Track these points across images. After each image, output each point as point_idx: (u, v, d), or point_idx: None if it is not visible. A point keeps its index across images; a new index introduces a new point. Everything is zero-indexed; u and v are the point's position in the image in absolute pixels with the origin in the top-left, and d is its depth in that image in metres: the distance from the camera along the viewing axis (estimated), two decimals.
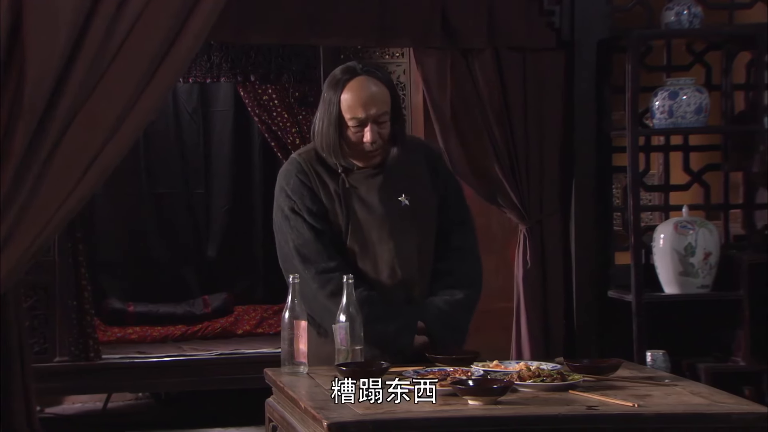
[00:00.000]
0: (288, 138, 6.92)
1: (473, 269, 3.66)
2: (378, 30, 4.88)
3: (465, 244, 3.64)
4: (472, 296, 3.62)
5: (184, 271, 7.85)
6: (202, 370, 6.52)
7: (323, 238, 3.51)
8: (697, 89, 4.90)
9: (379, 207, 3.51)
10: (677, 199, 5.18)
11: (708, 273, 4.80)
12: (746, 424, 2.80)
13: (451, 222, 3.63)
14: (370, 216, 3.51)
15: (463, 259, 3.62)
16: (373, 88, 3.43)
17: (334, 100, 3.44)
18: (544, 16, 5.05)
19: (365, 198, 3.51)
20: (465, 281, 3.60)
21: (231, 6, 4.40)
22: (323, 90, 3.51)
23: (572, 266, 5.12)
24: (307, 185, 3.53)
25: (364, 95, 3.41)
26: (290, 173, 3.57)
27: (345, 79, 3.43)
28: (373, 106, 3.41)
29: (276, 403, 3.39)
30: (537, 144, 5.09)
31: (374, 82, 3.44)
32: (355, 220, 3.50)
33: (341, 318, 3.33)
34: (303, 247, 3.51)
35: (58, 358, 6.15)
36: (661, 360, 4.81)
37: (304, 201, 3.52)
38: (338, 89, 3.43)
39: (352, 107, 3.42)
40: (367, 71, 3.45)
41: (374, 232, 3.51)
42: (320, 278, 3.47)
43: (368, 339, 3.37)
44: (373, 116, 3.42)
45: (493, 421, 2.77)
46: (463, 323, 3.60)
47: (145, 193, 7.79)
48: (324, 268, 3.47)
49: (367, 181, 3.52)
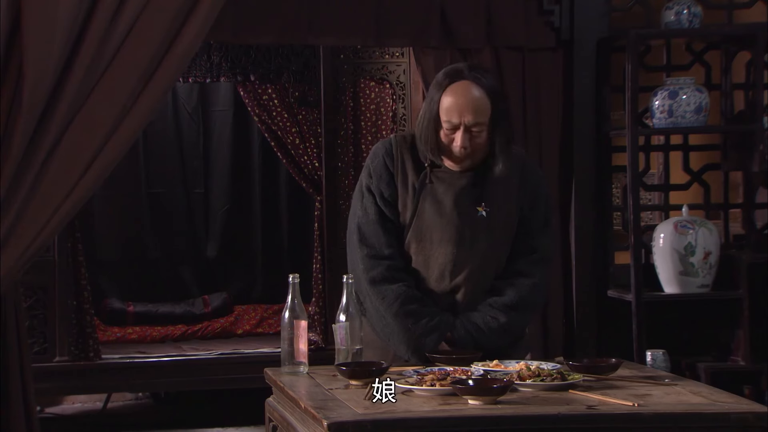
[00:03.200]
0: (288, 138, 6.91)
1: (529, 297, 3.52)
2: (376, 29, 4.89)
3: (531, 272, 3.52)
4: (515, 321, 3.50)
5: (184, 270, 7.85)
6: (202, 370, 6.52)
7: (387, 224, 3.49)
8: (697, 89, 4.90)
9: (452, 211, 3.47)
10: (677, 198, 5.18)
11: (708, 272, 4.81)
12: (746, 424, 2.80)
13: (525, 246, 3.53)
14: (439, 217, 3.47)
15: (523, 286, 3.50)
16: (474, 95, 3.37)
17: (435, 99, 3.41)
18: (543, 16, 5.05)
19: (440, 198, 3.47)
20: (514, 306, 3.48)
21: (229, 6, 4.40)
22: (431, 87, 3.48)
23: (572, 266, 5.12)
24: (388, 169, 3.51)
25: (463, 101, 3.37)
26: (378, 152, 3.55)
27: (449, 81, 3.40)
28: (469, 113, 3.37)
29: (276, 403, 3.39)
30: (536, 144, 5.09)
31: (477, 89, 3.38)
32: (421, 216, 3.47)
33: (341, 318, 3.33)
34: (365, 225, 3.50)
35: (57, 358, 6.15)
36: (661, 359, 4.81)
37: (380, 183, 3.50)
38: (440, 89, 3.40)
39: (448, 111, 3.38)
40: (473, 76, 3.39)
41: (437, 233, 3.47)
42: (369, 261, 3.46)
43: (394, 334, 3.39)
44: (467, 123, 3.38)
45: (493, 421, 2.77)
46: (493, 346, 3.49)
47: (144, 193, 7.79)
48: (376, 253, 3.46)
49: (449, 182, 3.48)
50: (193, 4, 4.08)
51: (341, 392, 3.05)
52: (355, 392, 3.04)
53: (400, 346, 3.45)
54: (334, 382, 3.20)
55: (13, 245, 4.06)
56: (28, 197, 4.03)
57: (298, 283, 3.38)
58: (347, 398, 2.95)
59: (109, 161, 4.13)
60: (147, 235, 7.79)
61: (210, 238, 7.95)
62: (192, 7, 4.08)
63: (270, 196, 7.95)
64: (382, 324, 3.47)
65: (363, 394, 2.97)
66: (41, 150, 3.99)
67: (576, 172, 5.11)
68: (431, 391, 2.97)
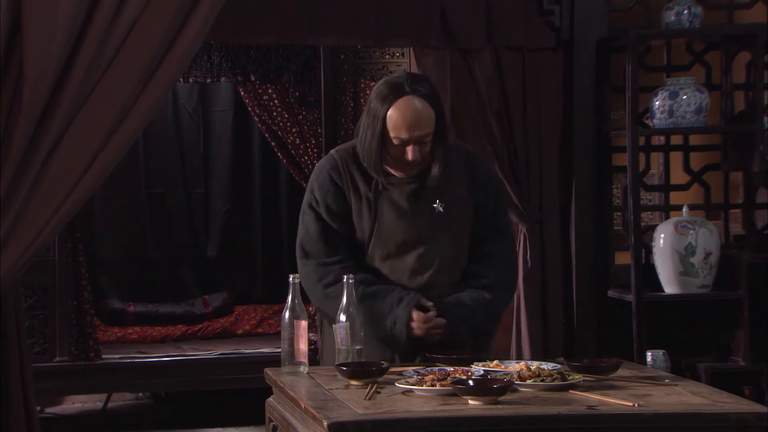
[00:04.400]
0: (288, 138, 6.92)
1: (506, 275, 3.64)
2: (376, 29, 4.88)
3: (500, 252, 3.62)
4: (500, 299, 3.60)
5: (184, 270, 7.85)
6: (202, 370, 6.53)
7: (331, 236, 3.52)
8: (697, 89, 4.90)
9: (410, 212, 3.51)
10: (677, 198, 5.18)
11: (708, 273, 4.80)
12: (746, 424, 2.80)
13: (487, 229, 3.61)
14: (400, 220, 3.51)
15: (496, 265, 3.59)
16: (420, 109, 3.41)
17: (379, 116, 3.42)
18: (543, 16, 5.04)
19: (397, 202, 3.51)
20: (496, 285, 3.57)
21: (229, 6, 4.40)
22: (370, 99, 3.49)
23: (572, 266, 5.12)
24: (336, 183, 3.53)
25: (410, 117, 3.40)
26: (323, 168, 3.58)
27: (392, 98, 3.42)
28: (417, 128, 3.41)
29: (276, 403, 3.39)
30: (536, 144, 5.08)
31: (420, 101, 3.42)
32: (381, 223, 3.50)
33: (341, 318, 3.33)
34: (308, 242, 3.53)
35: (57, 358, 6.15)
36: (661, 360, 4.81)
37: (326, 198, 3.52)
38: (385, 105, 3.42)
39: (397, 127, 3.41)
40: (414, 90, 3.42)
41: (401, 235, 3.51)
42: (320, 270, 3.49)
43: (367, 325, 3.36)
44: (416, 137, 3.42)
45: (493, 421, 2.77)
46: (486, 324, 3.57)
47: (144, 193, 7.79)
48: (325, 261, 3.49)
49: (401, 186, 3.52)
50: (193, 4, 4.08)
51: (341, 392, 3.05)
52: (355, 392, 3.04)
53: (375, 333, 3.42)
54: (334, 382, 3.20)
55: (13, 245, 4.06)
56: (28, 197, 4.02)
57: (299, 283, 3.38)
58: (347, 398, 2.95)
59: (109, 161, 4.13)
60: (147, 235, 7.79)
61: (210, 238, 7.95)
62: (192, 7, 4.08)
63: (270, 196, 7.95)
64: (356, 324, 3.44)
65: (363, 394, 2.98)
66: (41, 150, 3.99)
67: (576, 172, 5.10)
68: (431, 391, 2.98)
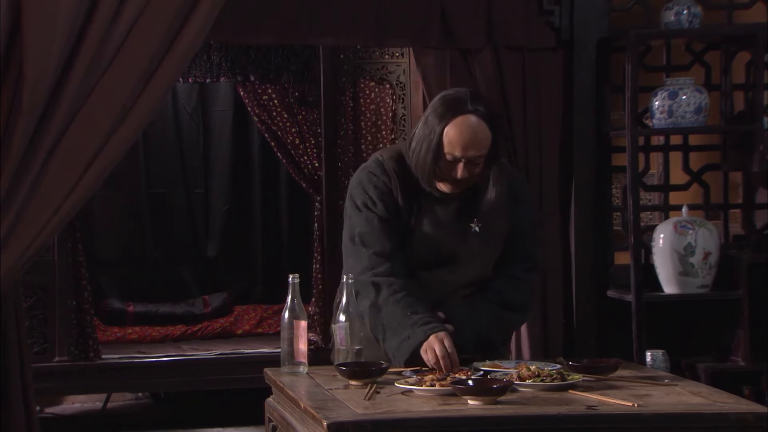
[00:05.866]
0: (288, 138, 6.92)
1: (528, 300, 3.68)
2: (376, 29, 4.88)
3: (527, 279, 3.65)
4: (515, 320, 3.68)
5: (184, 271, 7.85)
6: (201, 370, 6.53)
7: (391, 233, 3.51)
8: (697, 89, 4.90)
9: (449, 228, 3.52)
10: (677, 198, 5.18)
11: (707, 273, 4.80)
12: (746, 424, 2.80)
13: (520, 254, 3.63)
14: (438, 234, 3.51)
15: (517, 287, 3.61)
16: (477, 129, 3.40)
17: (437, 130, 3.41)
18: (543, 16, 5.04)
19: (439, 216, 3.52)
20: (512, 305, 3.60)
21: (229, 6, 4.40)
22: (429, 109, 3.48)
23: (572, 266, 5.12)
24: (389, 187, 3.53)
25: (467, 136, 3.39)
26: (375, 172, 3.56)
27: (452, 114, 3.40)
28: (472, 147, 3.40)
29: (276, 403, 3.39)
30: (536, 144, 5.08)
31: (479, 121, 3.40)
32: (420, 234, 3.51)
33: (341, 318, 3.34)
34: (368, 234, 3.51)
35: (57, 358, 6.15)
36: (661, 360, 4.81)
37: (383, 198, 3.52)
38: (443, 121, 3.41)
39: (452, 144, 3.40)
40: (475, 109, 3.41)
41: (435, 249, 3.52)
42: (375, 259, 3.48)
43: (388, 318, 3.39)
44: (469, 157, 3.41)
45: (493, 421, 2.78)
46: (495, 338, 3.59)
47: (144, 193, 7.79)
48: (381, 251, 3.47)
49: (446, 201, 3.53)
50: (193, 4, 4.08)
51: (341, 392, 3.06)
52: (355, 392, 3.04)
53: (392, 337, 3.40)
54: (334, 382, 3.20)
55: (13, 245, 4.06)
56: (28, 197, 4.02)
57: (298, 283, 3.38)
58: (347, 398, 2.96)
59: (109, 161, 4.13)
60: (147, 235, 7.79)
61: (210, 238, 7.95)
62: (192, 7, 4.08)
63: (270, 196, 7.95)
64: (375, 319, 3.43)
65: (362, 394, 2.98)
66: (41, 150, 3.99)
67: (576, 172, 5.10)
68: (431, 391, 2.98)
